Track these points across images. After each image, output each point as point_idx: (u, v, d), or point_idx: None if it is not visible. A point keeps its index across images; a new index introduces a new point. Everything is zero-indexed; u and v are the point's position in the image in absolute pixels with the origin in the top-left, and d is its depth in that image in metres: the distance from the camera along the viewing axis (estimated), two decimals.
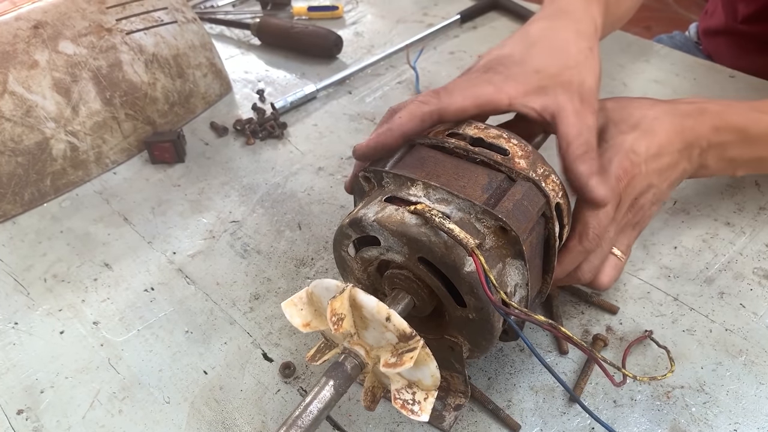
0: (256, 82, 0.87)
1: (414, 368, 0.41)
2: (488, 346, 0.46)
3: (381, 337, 0.41)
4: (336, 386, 0.41)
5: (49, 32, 0.72)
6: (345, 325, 0.41)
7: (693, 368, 0.52)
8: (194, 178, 0.73)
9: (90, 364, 0.56)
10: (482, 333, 0.45)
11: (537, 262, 0.47)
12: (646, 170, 0.51)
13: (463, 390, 0.49)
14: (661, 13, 2.58)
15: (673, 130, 0.53)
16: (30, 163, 0.70)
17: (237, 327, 0.58)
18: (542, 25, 0.55)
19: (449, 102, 0.49)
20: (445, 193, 0.44)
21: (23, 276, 0.64)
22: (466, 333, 0.46)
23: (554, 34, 0.55)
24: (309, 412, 0.40)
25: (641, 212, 0.53)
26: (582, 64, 0.52)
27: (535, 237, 0.45)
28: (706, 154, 0.55)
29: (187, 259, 0.64)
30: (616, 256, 0.53)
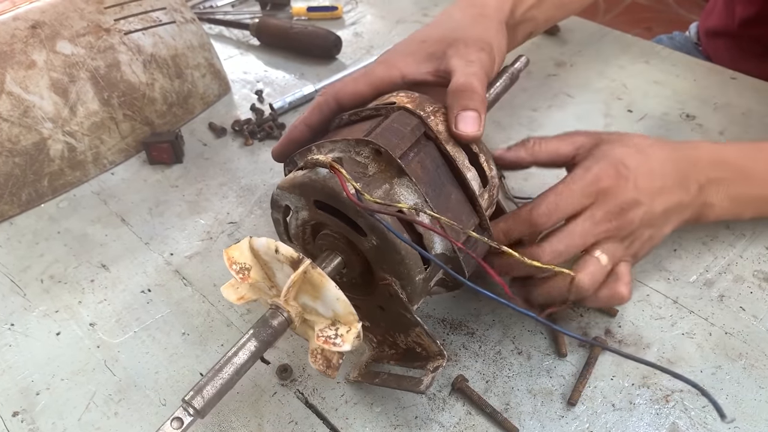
0: (255, 82, 0.87)
1: (317, 296, 0.43)
2: (409, 273, 0.45)
3: (286, 277, 0.43)
4: (259, 337, 0.44)
5: (47, 32, 0.72)
6: (253, 275, 0.44)
7: (692, 371, 0.51)
8: (192, 179, 0.73)
9: (86, 365, 0.56)
10: (392, 256, 0.45)
11: (449, 189, 0.47)
12: (635, 185, 0.50)
13: (437, 350, 0.48)
14: (662, 14, 2.57)
15: (667, 157, 0.53)
16: (27, 164, 0.69)
17: (234, 329, 0.57)
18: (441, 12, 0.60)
19: (342, 88, 0.53)
20: (331, 144, 0.48)
21: (20, 277, 0.64)
22: (387, 267, 0.46)
23: (445, 12, 0.59)
24: (232, 363, 0.43)
25: (630, 227, 0.51)
26: (468, 26, 0.55)
27: (425, 158, 0.47)
28: (707, 190, 0.54)
29: (185, 260, 0.64)
30: (595, 257, 0.50)
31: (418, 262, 0.46)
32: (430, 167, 0.47)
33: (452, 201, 0.47)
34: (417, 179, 0.45)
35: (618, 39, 0.88)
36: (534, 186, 0.67)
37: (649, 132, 0.72)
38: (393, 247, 0.44)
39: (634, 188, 0.51)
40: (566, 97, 0.79)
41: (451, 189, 0.48)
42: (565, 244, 0.49)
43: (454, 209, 0.47)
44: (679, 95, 0.77)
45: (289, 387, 0.53)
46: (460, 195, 0.48)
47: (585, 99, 0.78)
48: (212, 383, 0.42)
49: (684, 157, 0.54)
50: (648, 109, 0.76)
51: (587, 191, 0.50)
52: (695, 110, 0.75)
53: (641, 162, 0.51)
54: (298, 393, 0.52)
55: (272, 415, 0.51)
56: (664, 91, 0.78)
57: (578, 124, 0.75)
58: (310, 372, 0.54)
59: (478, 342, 0.55)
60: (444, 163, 0.48)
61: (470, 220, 0.48)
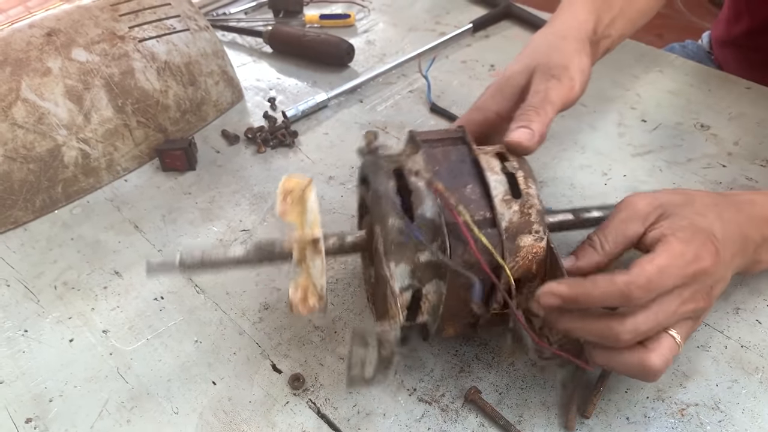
0: (268, 90, 0.87)
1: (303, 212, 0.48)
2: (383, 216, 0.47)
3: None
4: (255, 250, 0.49)
5: (62, 39, 0.73)
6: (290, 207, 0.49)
7: (708, 385, 0.51)
8: (205, 186, 0.73)
9: (99, 373, 0.56)
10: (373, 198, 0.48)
11: (466, 180, 0.48)
12: (724, 258, 0.46)
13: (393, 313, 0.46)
14: (674, 21, 2.56)
15: (733, 219, 0.49)
16: (42, 170, 0.70)
17: (246, 337, 0.57)
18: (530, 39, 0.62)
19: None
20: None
21: (33, 283, 0.64)
22: (374, 216, 0.48)
23: (532, 40, 0.62)
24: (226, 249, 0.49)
25: (711, 303, 0.47)
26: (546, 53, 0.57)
27: (452, 151, 0.50)
28: (761, 248, 0.52)
29: None
30: (672, 337, 0.45)
31: (395, 207, 0.47)
32: (453, 158, 0.49)
33: (467, 190, 0.48)
34: (432, 158, 0.49)
35: (631, 48, 0.88)
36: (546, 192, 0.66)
37: (662, 141, 0.72)
38: (374, 188, 0.48)
39: (724, 264, 0.47)
40: (580, 106, 0.79)
41: (469, 180, 0.48)
42: (650, 326, 0.44)
43: (464, 196, 0.47)
44: (693, 105, 0.77)
45: (302, 396, 0.53)
46: (477, 189, 0.48)
47: (599, 108, 0.78)
48: (205, 252, 0.49)
49: (746, 219, 0.51)
50: (662, 119, 0.75)
51: (687, 272, 0.44)
52: (709, 120, 0.74)
53: (723, 230, 0.47)
54: (310, 402, 0.52)
55: (284, 424, 0.51)
56: (678, 101, 0.78)
57: (592, 133, 0.74)
58: (323, 382, 0.54)
59: (491, 353, 0.54)
60: (472, 162, 0.49)
61: (480, 210, 0.47)
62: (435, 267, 0.47)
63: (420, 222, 0.46)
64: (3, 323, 0.60)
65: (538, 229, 0.48)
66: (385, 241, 0.46)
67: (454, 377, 0.53)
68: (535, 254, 0.47)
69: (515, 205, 0.48)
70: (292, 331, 0.57)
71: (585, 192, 0.68)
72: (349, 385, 0.46)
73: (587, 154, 0.72)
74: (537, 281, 0.49)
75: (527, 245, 0.47)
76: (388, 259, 0.46)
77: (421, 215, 0.47)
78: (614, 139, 0.73)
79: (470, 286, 0.45)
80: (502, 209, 0.47)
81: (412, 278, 0.47)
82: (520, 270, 0.48)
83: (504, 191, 0.48)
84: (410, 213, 0.47)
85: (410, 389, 0.53)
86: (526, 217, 0.48)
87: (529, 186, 0.49)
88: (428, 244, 0.46)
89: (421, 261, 0.47)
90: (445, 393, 0.52)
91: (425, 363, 0.54)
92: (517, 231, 0.47)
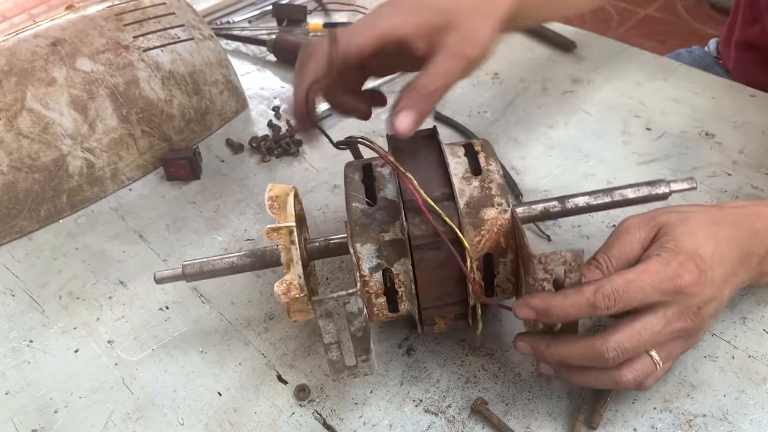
0: (272, 98, 0.87)
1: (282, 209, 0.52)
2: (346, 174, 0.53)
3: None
4: (248, 255, 0.54)
5: (67, 49, 0.73)
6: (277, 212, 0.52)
7: (715, 396, 0.51)
8: (209, 196, 0.73)
9: (104, 383, 0.56)
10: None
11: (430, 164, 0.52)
12: (712, 281, 0.46)
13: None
14: (676, 27, 2.56)
15: (731, 236, 0.49)
16: (47, 180, 0.70)
17: (251, 348, 0.57)
18: None
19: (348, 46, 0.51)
20: None
21: (38, 293, 0.64)
22: None
23: None
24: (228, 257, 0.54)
25: (701, 324, 0.47)
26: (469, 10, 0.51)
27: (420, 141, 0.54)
28: (765, 261, 0.51)
29: None
30: (650, 357, 0.46)
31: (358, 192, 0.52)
32: (419, 150, 0.53)
33: (429, 173, 0.51)
34: (399, 152, 0.52)
35: (635, 55, 0.88)
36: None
37: (667, 150, 0.72)
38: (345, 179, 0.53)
39: (712, 284, 0.46)
40: (584, 114, 0.79)
41: (431, 165, 0.52)
42: (634, 344, 0.44)
43: (426, 178, 0.50)
44: (697, 113, 0.77)
45: (307, 407, 0.53)
46: (438, 170, 0.51)
47: (603, 116, 0.78)
48: (204, 261, 0.54)
49: (747, 235, 0.50)
50: (667, 127, 0.75)
51: (663, 288, 0.45)
52: (714, 128, 0.74)
53: (714, 250, 0.47)
54: (316, 414, 0.52)
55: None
56: (682, 109, 0.78)
57: (596, 141, 0.74)
58: (328, 393, 0.53)
59: (498, 363, 0.54)
60: (437, 153, 0.53)
61: (439, 188, 0.50)
62: (399, 245, 0.49)
63: (381, 204, 0.50)
64: (8, 333, 0.60)
65: (500, 202, 0.49)
66: (351, 224, 0.49)
67: (460, 388, 0.53)
68: (500, 226, 0.48)
69: (475, 181, 0.51)
70: (297, 341, 0.57)
71: None
72: (332, 374, 0.47)
73: (592, 162, 0.72)
74: (510, 256, 0.50)
75: (491, 218, 0.48)
76: (354, 240, 0.49)
77: (383, 197, 0.51)
78: (619, 147, 0.73)
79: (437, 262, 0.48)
80: (462, 185, 0.50)
81: (379, 258, 0.49)
82: (488, 244, 0.49)
83: (464, 170, 0.52)
84: (374, 198, 0.51)
85: (416, 400, 0.52)
86: (487, 191, 0.50)
87: (490, 164, 0.52)
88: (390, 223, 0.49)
89: (386, 240, 0.49)
90: (452, 404, 0.52)
91: (431, 373, 0.54)
92: (479, 204, 0.49)
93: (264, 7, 1.06)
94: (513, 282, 0.51)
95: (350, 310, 0.44)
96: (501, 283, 0.51)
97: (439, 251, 0.48)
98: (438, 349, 0.56)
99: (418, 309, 0.51)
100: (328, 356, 0.46)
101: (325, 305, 0.43)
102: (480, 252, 0.49)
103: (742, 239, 0.49)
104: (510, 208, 0.49)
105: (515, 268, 0.50)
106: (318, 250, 0.54)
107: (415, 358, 0.55)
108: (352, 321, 0.45)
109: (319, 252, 0.54)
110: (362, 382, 0.54)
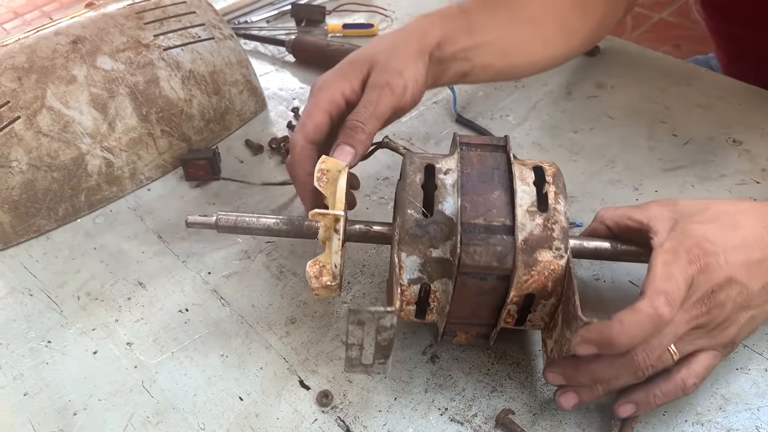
0: (291, 99, 0.87)
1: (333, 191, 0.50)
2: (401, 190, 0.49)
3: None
4: (285, 222, 0.52)
5: (88, 47, 0.72)
6: (325, 184, 0.51)
7: (748, 408, 0.50)
8: (229, 197, 0.72)
9: (123, 386, 0.55)
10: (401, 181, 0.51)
11: (495, 186, 0.48)
12: (726, 261, 0.45)
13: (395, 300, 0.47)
14: (691, 32, 2.55)
15: (759, 223, 0.48)
16: (65, 179, 0.69)
17: (273, 352, 0.56)
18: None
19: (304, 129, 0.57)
20: None
21: (56, 293, 0.63)
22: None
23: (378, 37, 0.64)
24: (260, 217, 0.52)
25: (721, 312, 0.46)
26: (389, 51, 0.58)
27: (488, 158, 0.50)
28: None
29: (222, 279, 0.63)
30: (670, 352, 0.46)
31: (416, 199, 0.48)
32: (488, 164, 0.50)
33: (493, 195, 0.48)
34: (466, 161, 0.49)
35: (658, 60, 0.87)
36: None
37: (694, 157, 0.71)
38: (402, 178, 0.50)
39: (726, 264, 0.45)
40: (608, 119, 0.78)
41: (497, 187, 0.48)
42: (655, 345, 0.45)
43: (489, 201, 0.47)
44: (724, 119, 0.75)
45: (330, 414, 0.52)
46: (504, 196, 0.48)
47: (627, 122, 0.77)
48: (239, 216, 0.52)
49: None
50: (693, 134, 0.74)
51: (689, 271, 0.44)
52: (742, 135, 0.73)
53: (730, 236, 0.46)
54: (339, 420, 0.51)
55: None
56: (708, 115, 0.76)
57: (622, 147, 0.73)
58: (351, 399, 0.52)
59: (524, 373, 0.53)
60: (505, 171, 0.49)
61: (501, 217, 0.47)
62: (445, 264, 0.47)
63: (437, 218, 0.47)
64: (26, 333, 0.60)
65: (559, 246, 0.47)
66: (401, 230, 0.47)
67: (486, 397, 0.52)
68: (552, 271, 0.47)
69: (539, 218, 0.47)
70: (319, 346, 0.56)
71: None
72: (346, 367, 0.46)
73: (617, 168, 0.71)
74: (552, 300, 0.48)
75: (545, 260, 0.47)
76: (401, 248, 0.47)
77: (440, 211, 0.47)
78: (645, 154, 0.72)
79: (478, 290, 0.46)
80: (524, 220, 0.47)
81: (421, 272, 0.47)
82: (534, 285, 0.47)
83: (530, 203, 0.48)
84: (431, 209, 0.48)
85: (441, 409, 0.51)
86: (549, 232, 0.47)
87: (558, 202, 0.48)
88: (441, 240, 0.47)
89: (433, 256, 0.47)
90: (478, 413, 0.51)
91: (456, 382, 0.53)
92: (537, 244, 0.47)
93: (282, 7, 1.06)
94: (546, 321, 0.50)
95: (383, 324, 0.43)
96: (534, 320, 0.50)
97: (483, 281, 0.46)
98: (463, 356, 0.55)
99: (445, 323, 0.49)
100: (347, 353, 0.45)
101: (359, 316, 0.42)
102: (524, 290, 0.47)
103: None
104: (567, 255, 0.47)
105: (553, 311, 0.49)
106: (357, 235, 0.53)
107: (440, 366, 0.54)
108: (381, 333, 0.44)
109: (358, 237, 0.53)
110: (386, 389, 0.53)
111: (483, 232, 0.46)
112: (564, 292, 0.47)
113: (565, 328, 0.46)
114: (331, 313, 0.59)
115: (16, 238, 0.69)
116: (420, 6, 1.04)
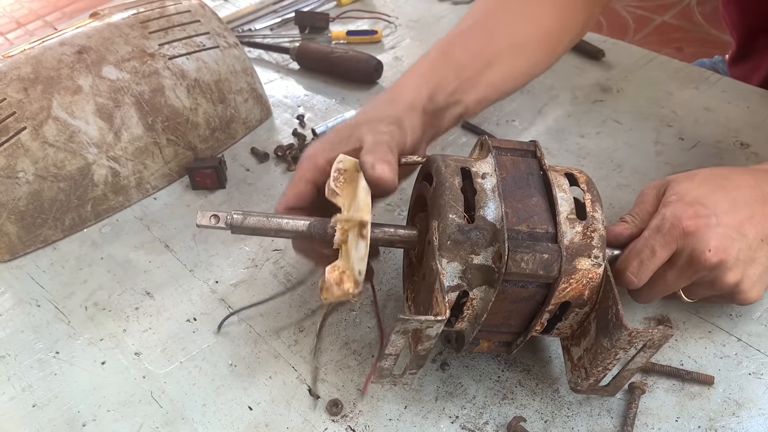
0: (296, 107, 0.86)
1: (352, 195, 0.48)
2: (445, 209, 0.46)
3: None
4: (311, 226, 0.49)
5: (93, 57, 0.72)
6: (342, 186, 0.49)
7: (761, 414, 0.49)
8: (235, 205, 0.72)
9: (132, 396, 0.55)
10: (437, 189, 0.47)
11: (532, 191, 0.47)
12: (718, 222, 0.48)
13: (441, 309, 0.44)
14: (694, 34, 2.54)
15: (746, 183, 0.51)
16: (72, 189, 0.69)
17: (282, 361, 0.56)
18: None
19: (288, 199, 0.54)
20: None
21: (64, 303, 0.63)
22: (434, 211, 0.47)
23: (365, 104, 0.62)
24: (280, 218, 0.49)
25: (721, 268, 0.49)
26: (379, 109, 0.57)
27: (521, 162, 0.49)
28: None
29: (230, 288, 0.63)
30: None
31: (458, 203, 0.46)
32: (522, 168, 0.49)
33: (532, 201, 0.47)
34: (501, 165, 0.48)
35: (664, 63, 0.87)
36: None
37: (702, 162, 0.71)
38: (439, 181, 0.47)
39: (718, 225, 0.48)
40: (615, 123, 0.77)
41: (535, 192, 0.47)
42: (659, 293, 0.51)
43: (528, 207, 0.46)
44: (731, 123, 0.75)
45: (340, 423, 0.51)
46: (543, 202, 0.47)
47: (634, 126, 0.77)
48: (257, 217, 0.49)
49: (765, 178, 0.52)
50: (700, 137, 0.74)
51: (668, 240, 0.49)
52: (750, 138, 0.73)
53: (720, 197, 0.49)
54: (349, 429, 0.51)
55: None
56: (716, 118, 0.76)
57: (629, 151, 0.73)
58: (361, 408, 0.52)
59: (535, 379, 0.53)
60: (540, 176, 0.49)
61: (543, 224, 0.46)
62: (487, 272, 0.46)
63: (479, 224, 0.46)
64: (34, 344, 0.59)
65: (597, 255, 0.46)
66: (441, 236, 0.46)
67: (497, 404, 0.52)
68: (590, 279, 0.46)
69: (579, 226, 0.47)
70: (328, 354, 0.56)
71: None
72: (376, 378, 0.46)
73: (625, 172, 0.71)
74: (586, 309, 0.47)
75: (584, 269, 0.46)
76: (441, 255, 0.45)
77: (481, 217, 0.46)
78: (652, 158, 0.72)
79: (516, 298, 0.45)
80: (566, 227, 0.46)
81: (461, 279, 0.46)
82: (572, 293, 0.46)
83: (570, 210, 0.47)
84: (471, 213, 0.46)
85: (452, 417, 0.51)
86: (588, 240, 0.46)
87: (596, 210, 0.48)
88: (483, 247, 0.45)
89: (474, 263, 0.46)
90: (489, 421, 0.51)
91: (467, 389, 0.53)
92: (576, 252, 0.46)
93: (286, 14, 1.06)
94: (574, 329, 0.49)
95: (429, 333, 0.42)
96: (562, 328, 0.49)
97: (523, 289, 0.46)
98: (473, 364, 0.54)
99: (476, 332, 0.48)
100: (380, 363, 0.45)
101: (407, 324, 0.42)
102: (561, 298, 0.47)
103: (759, 182, 0.51)
104: (604, 264, 0.47)
105: (583, 319, 0.48)
106: (383, 240, 0.51)
107: (450, 374, 0.54)
108: (423, 342, 0.43)
109: (384, 242, 0.51)
110: (396, 397, 0.53)
111: (528, 240, 0.45)
112: (599, 300, 0.47)
113: (601, 336, 0.46)
114: (339, 321, 0.59)
115: (23, 249, 0.69)
116: (423, 13, 1.04)
